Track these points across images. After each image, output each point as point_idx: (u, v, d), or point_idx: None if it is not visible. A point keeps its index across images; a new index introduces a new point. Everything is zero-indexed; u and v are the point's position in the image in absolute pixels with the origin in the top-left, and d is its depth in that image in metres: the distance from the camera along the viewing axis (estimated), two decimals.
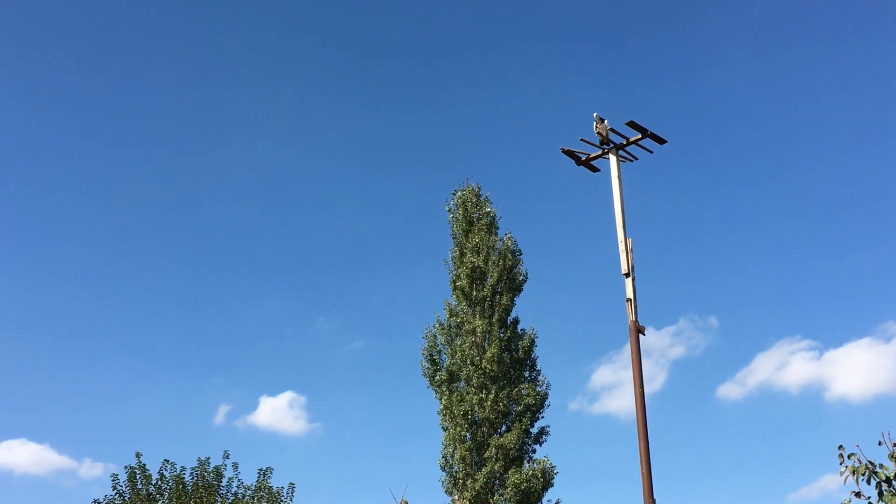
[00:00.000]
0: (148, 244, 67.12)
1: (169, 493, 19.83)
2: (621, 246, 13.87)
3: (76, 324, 63.60)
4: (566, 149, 14.71)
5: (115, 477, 20.00)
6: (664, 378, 56.29)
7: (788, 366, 55.62)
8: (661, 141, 14.30)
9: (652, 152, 14.51)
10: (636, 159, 14.62)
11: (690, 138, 60.44)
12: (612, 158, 14.44)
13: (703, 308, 60.89)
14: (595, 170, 14.92)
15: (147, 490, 19.85)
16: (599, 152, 14.62)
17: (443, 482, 24.45)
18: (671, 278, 60.69)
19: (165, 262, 66.87)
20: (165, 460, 20.46)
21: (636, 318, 13.40)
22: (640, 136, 14.26)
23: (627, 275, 13.66)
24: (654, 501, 12.34)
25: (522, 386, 25.06)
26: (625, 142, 14.39)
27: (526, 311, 35.02)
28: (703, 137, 65.45)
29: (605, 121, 14.25)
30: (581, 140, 14.51)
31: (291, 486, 20.29)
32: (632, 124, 14.13)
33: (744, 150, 66.29)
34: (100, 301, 63.96)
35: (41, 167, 65.72)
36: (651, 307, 18.68)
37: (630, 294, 13.56)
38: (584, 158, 14.78)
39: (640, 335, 13.36)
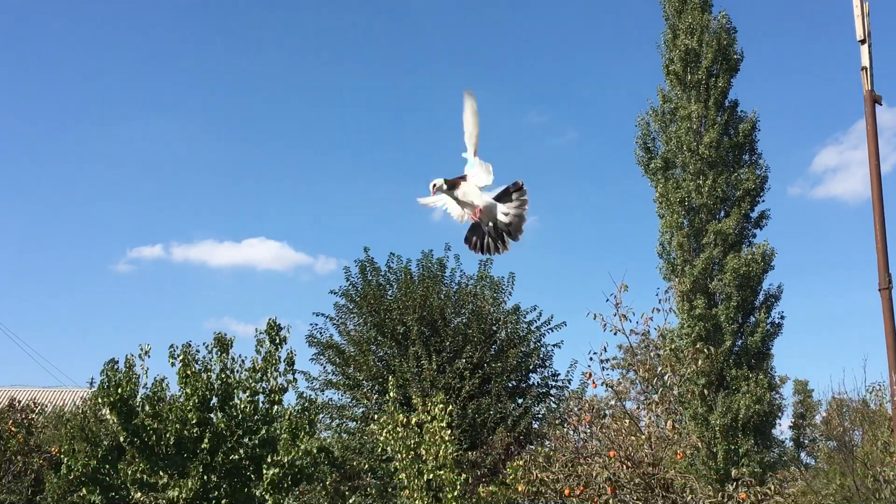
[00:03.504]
0: (362, 46, 68.68)
1: (397, 283, 20.70)
2: (857, 10, 12.87)
3: (304, 134, 67.06)
4: None
5: (347, 270, 20.88)
6: None
7: None
8: None
9: None
10: None
11: None
12: None
13: None
14: None
15: (377, 280, 20.81)
16: None
17: (660, 269, 24.49)
18: None
19: (376, 66, 68.31)
20: (391, 253, 21.18)
21: (872, 87, 12.56)
22: None
23: (863, 41, 12.69)
24: (889, 276, 11.92)
25: (741, 171, 24.30)
26: None
27: (744, 93, 33.55)
28: None
29: None
30: None
31: (511, 276, 20.72)
32: None
33: None
34: (322, 109, 66.81)
35: None
36: (884, 81, 17.46)
37: (866, 62, 12.62)
38: None
39: (877, 105, 12.59)
